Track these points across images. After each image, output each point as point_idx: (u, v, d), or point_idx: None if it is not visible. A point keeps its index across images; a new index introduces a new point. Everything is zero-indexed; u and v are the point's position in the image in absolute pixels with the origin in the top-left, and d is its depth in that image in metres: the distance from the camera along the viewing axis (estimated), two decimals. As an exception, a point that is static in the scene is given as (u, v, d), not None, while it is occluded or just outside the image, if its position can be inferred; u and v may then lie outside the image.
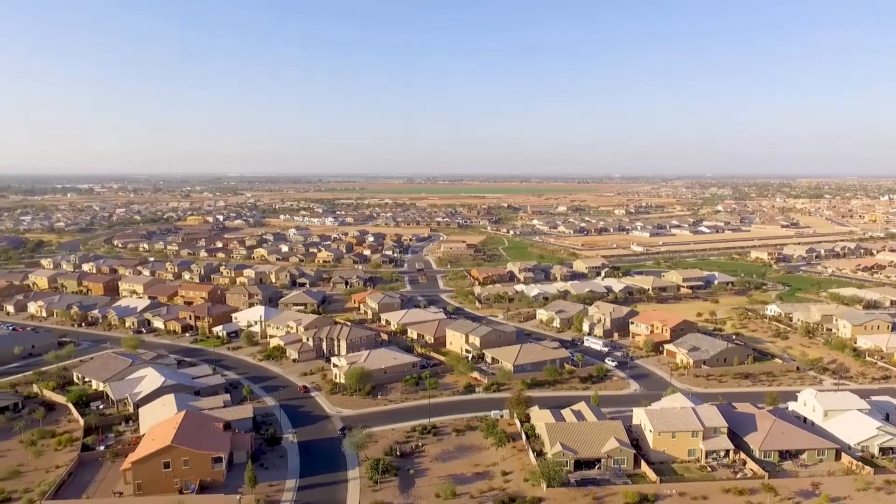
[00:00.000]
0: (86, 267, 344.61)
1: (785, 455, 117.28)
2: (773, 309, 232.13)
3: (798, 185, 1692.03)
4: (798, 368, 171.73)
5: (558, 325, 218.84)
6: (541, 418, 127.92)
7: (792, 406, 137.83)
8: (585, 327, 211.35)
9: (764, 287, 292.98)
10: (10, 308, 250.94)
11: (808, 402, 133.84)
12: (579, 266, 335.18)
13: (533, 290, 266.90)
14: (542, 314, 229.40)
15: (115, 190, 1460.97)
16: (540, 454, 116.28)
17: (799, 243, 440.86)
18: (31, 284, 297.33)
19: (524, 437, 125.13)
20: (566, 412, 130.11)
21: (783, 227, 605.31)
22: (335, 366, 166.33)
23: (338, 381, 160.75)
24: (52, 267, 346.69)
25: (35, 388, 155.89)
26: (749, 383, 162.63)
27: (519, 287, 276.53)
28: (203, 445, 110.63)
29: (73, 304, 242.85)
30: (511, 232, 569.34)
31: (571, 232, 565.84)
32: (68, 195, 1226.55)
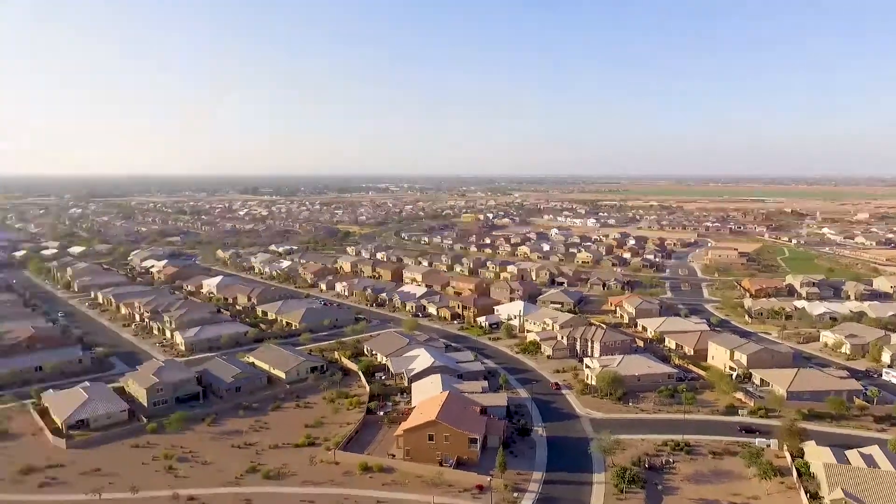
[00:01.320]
0: (379, 255, 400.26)
1: None
2: None
3: None
4: None
5: (848, 352, 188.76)
6: (818, 456, 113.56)
7: None
8: (885, 358, 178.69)
9: None
10: (323, 286, 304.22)
11: None
12: (882, 284, 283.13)
13: (817, 308, 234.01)
14: (827, 337, 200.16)
15: (406, 189, 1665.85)
16: (815, 497, 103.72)
17: None
18: (338, 268, 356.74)
19: (795, 473, 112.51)
20: (852, 454, 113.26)
21: None
22: (587, 367, 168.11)
23: (589, 382, 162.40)
24: (354, 254, 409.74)
25: (336, 355, 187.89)
26: None
27: (799, 303, 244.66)
28: (462, 425, 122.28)
29: (367, 286, 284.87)
30: (794, 241, 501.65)
31: (874, 244, 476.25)
32: (370, 193, 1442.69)
